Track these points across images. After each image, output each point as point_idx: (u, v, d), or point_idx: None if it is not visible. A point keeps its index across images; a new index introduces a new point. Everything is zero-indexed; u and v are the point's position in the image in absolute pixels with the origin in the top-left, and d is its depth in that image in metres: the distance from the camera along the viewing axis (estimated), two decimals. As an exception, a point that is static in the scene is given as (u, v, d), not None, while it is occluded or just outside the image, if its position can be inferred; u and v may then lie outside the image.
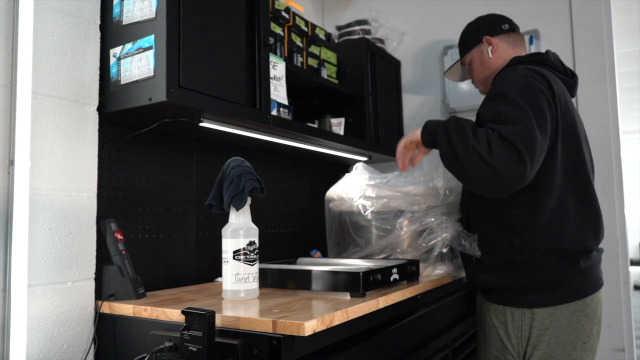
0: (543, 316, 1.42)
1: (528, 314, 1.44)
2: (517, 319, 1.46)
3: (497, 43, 1.69)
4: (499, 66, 1.66)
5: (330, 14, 2.92)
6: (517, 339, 1.46)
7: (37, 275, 1.22)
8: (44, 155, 1.26)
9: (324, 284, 1.39)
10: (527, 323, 1.44)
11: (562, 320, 1.41)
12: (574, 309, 1.41)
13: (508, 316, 1.48)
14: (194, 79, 1.38)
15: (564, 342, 1.41)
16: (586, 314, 1.42)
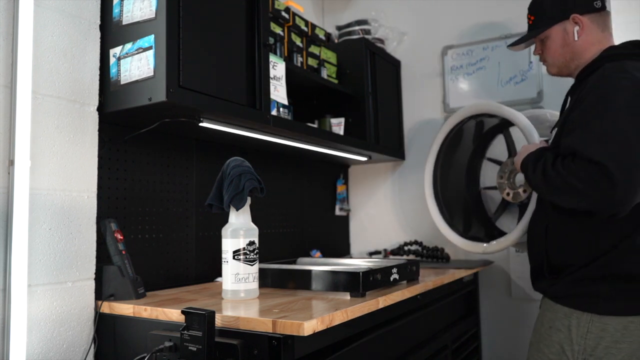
0: (616, 328, 1.26)
1: (597, 322, 1.28)
2: (583, 325, 1.30)
3: (586, 24, 1.45)
4: (586, 54, 1.45)
5: (330, 14, 2.92)
6: (579, 346, 1.30)
7: (37, 275, 1.22)
8: (44, 155, 1.26)
9: (324, 284, 1.39)
10: (595, 332, 1.28)
11: (636, 336, 1.24)
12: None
13: (573, 320, 1.32)
14: (194, 79, 1.39)
15: (630, 357, 1.25)
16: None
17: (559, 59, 1.52)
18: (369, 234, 2.71)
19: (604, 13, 1.48)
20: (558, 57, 1.52)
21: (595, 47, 1.45)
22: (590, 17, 1.46)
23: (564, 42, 1.49)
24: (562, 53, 1.51)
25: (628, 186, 1.16)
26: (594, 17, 1.46)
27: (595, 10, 1.46)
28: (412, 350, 1.59)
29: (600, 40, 1.46)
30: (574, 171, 1.22)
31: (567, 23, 1.48)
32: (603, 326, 1.28)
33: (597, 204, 1.22)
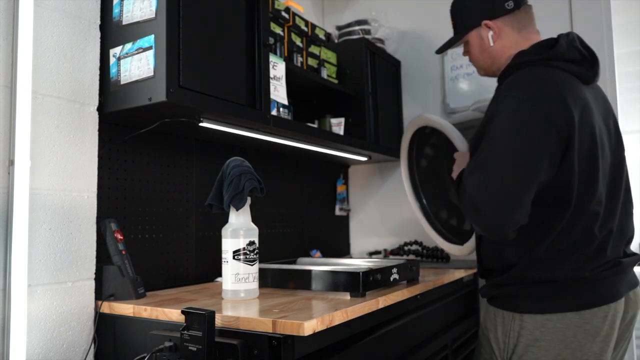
0: (534, 325, 1.28)
1: (518, 320, 1.31)
2: (507, 324, 1.33)
3: (500, 28, 1.43)
4: (505, 56, 1.44)
5: (330, 14, 2.92)
6: (504, 344, 1.33)
7: (37, 275, 1.22)
8: (44, 155, 1.26)
9: (324, 284, 1.39)
10: (516, 330, 1.31)
11: (556, 334, 1.25)
12: (570, 323, 1.25)
13: (499, 320, 1.36)
14: (194, 79, 1.39)
15: (555, 356, 1.26)
16: (585, 330, 1.24)
17: (481, 63, 1.52)
18: (369, 234, 2.71)
19: (519, 12, 1.43)
20: (480, 62, 1.52)
21: (512, 49, 1.42)
22: (504, 20, 1.43)
23: (481, 48, 1.48)
24: (482, 58, 1.50)
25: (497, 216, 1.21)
26: (508, 19, 1.43)
27: (508, 12, 1.42)
28: (412, 350, 1.59)
29: (517, 42, 1.42)
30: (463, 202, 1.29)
31: (480, 29, 1.46)
32: (522, 324, 1.30)
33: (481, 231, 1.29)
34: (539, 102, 1.24)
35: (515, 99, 1.26)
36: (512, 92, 1.28)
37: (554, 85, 1.27)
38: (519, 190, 1.21)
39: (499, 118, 1.26)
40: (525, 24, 1.45)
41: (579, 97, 1.28)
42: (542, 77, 1.29)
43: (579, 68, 1.34)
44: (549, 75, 1.30)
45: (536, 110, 1.23)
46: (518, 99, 1.26)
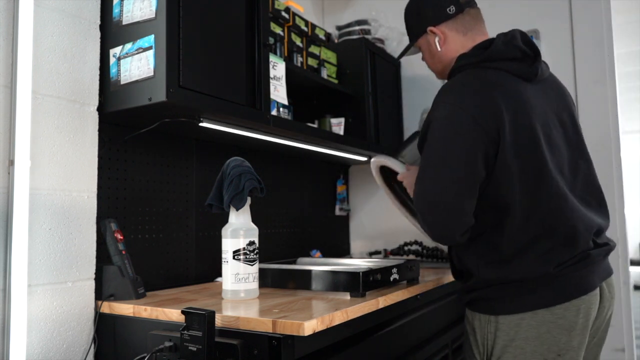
0: (508, 326, 1.28)
1: (493, 322, 1.31)
2: (484, 327, 1.33)
3: (444, 32, 1.45)
4: (449, 59, 1.45)
5: (330, 14, 2.92)
6: (483, 347, 1.33)
7: (37, 275, 1.22)
8: (44, 155, 1.26)
9: (324, 284, 1.39)
10: (492, 332, 1.31)
11: (530, 332, 1.26)
12: (542, 320, 1.25)
13: (476, 323, 1.35)
14: (194, 79, 1.39)
15: (532, 353, 1.26)
16: (558, 325, 1.25)
17: (434, 68, 1.55)
18: (369, 234, 2.71)
19: (462, 15, 1.45)
20: (433, 67, 1.55)
21: (459, 52, 1.44)
22: (447, 25, 1.45)
23: (430, 53, 1.51)
24: (433, 63, 1.53)
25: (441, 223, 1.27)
26: (451, 24, 1.45)
27: (450, 17, 1.44)
28: (412, 350, 1.59)
29: (463, 45, 1.44)
30: None
31: (427, 35, 1.49)
32: (498, 325, 1.30)
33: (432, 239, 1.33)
34: (468, 106, 1.27)
35: (446, 105, 1.30)
36: (443, 99, 1.33)
37: (485, 87, 1.30)
38: (457, 194, 1.25)
39: (432, 126, 1.31)
40: (470, 26, 1.46)
41: (513, 96, 1.30)
42: (473, 80, 1.33)
43: (519, 65, 1.35)
44: (483, 77, 1.32)
45: (464, 114, 1.26)
46: (449, 104, 1.30)
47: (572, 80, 2.27)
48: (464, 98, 1.29)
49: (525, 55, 1.35)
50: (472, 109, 1.26)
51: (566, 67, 2.28)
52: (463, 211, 1.26)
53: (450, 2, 1.45)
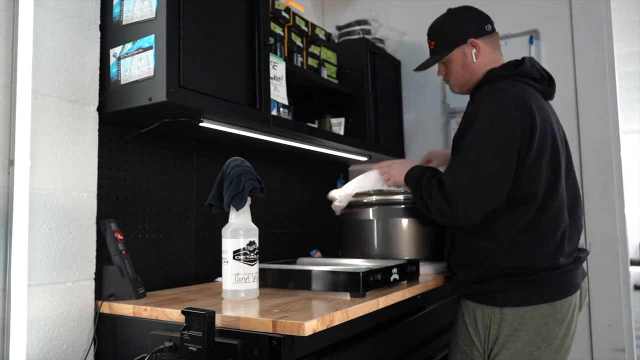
0: (513, 317, 1.42)
1: (498, 314, 1.43)
2: (487, 317, 1.45)
3: (482, 46, 1.60)
4: (479, 71, 1.61)
5: (330, 14, 2.92)
6: (484, 336, 1.46)
7: (37, 275, 1.22)
8: (44, 155, 1.26)
9: (324, 284, 1.39)
10: (497, 322, 1.44)
11: (532, 324, 1.40)
12: (544, 313, 1.40)
13: (478, 313, 1.47)
14: (194, 79, 1.39)
15: (529, 342, 1.41)
16: (555, 319, 1.41)
17: (460, 79, 1.66)
18: (369, 234, 2.71)
19: (493, 35, 1.64)
20: (460, 78, 1.66)
21: (489, 66, 1.60)
22: (484, 40, 1.61)
23: (464, 64, 1.63)
24: (463, 74, 1.65)
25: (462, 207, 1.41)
26: (487, 39, 1.62)
27: (487, 33, 1.62)
28: (412, 350, 1.59)
29: (493, 61, 1.61)
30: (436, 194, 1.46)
31: (465, 47, 1.62)
32: (502, 317, 1.43)
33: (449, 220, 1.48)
34: (510, 107, 1.43)
35: (492, 104, 1.45)
36: (489, 99, 1.48)
37: (522, 95, 1.47)
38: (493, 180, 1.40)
39: (478, 121, 1.44)
40: (497, 45, 1.66)
41: (541, 106, 1.49)
42: (512, 89, 1.50)
43: (540, 85, 1.56)
44: (519, 87, 1.50)
45: (507, 113, 1.42)
46: (494, 104, 1.45)
47: (572, 80, 2.27)
48: (506, 100, 1.45)
49: (543, 78, 1.58)
50: (514, 110, 1.42)
51: (566, 67, 2.28)
52: (494, 196, 1.41)
53: (488, 21, 1.64)
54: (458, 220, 1.47)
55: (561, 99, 2.30)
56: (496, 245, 1.45)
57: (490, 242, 1.46)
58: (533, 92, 1.51)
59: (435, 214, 1.48)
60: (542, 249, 1.43)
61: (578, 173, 2.23)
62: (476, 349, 1.48)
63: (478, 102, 1.51)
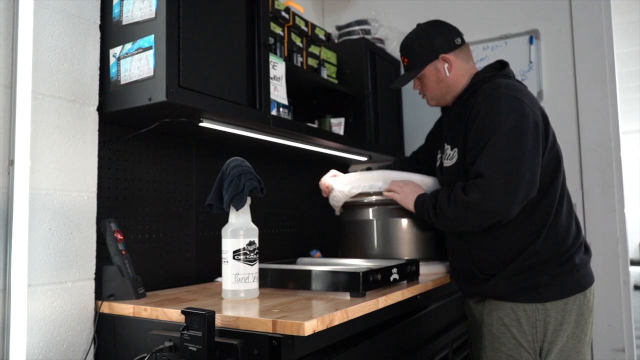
0: (556, 311, 1.43)
1: (542, 310, 1.44)
2: (531, 315, 1.44)
3: (453, 60, 1.64)
4: (459, 84, 1.64)
5: (330, 14, 2.92)
6: (532, 336, 1.44)
7: (37, 275, 1.22)
8: (44, 155, 1.26)
9: (324, 284, 1.39)
10: (542, 319, 1.44)
11: (572, 315, 1.44)
12: (580, 303, 1.45)
13: (521, 313, 1.45)
14: (194, 79, 1.39)
15: (572, 335, 1.44)
16: (587, 307, 1.46)
17: (436, 93, 1.70)
18: (369, 234, 2.71)
19: (464, 47, 1.68)
20: (435, 92, 1.70)
21: (464, 77, 1.65)
22: (455, 54, 1.65)
23: (437, 79, 1.66)
24: (437, 88, 1.68)
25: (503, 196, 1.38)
26: (458, 52, 1.66)
27: (457, 46, 1.66)
28: (412, 350, 1.59)
29: (467, 71, 1.66)
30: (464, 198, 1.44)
31: (437, 62, 1.65)
32: (546, 312, 1.44)
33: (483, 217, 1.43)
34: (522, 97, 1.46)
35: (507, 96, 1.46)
36: (501, 91, 1.48)
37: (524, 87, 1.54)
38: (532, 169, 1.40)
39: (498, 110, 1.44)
40: (469, 56, 1.70)
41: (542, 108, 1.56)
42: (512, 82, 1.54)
43: None
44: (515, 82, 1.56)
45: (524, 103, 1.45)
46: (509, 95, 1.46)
47: (572, 80, 2.27)
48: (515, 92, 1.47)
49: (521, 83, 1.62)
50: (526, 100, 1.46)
51: (566, 67, 2.28)
52: (533, 182, 1.40)
53: (457, 34, 1.68)
54: (499, 214, 1.41)
55: (561, 99, 2.31)
56: (528, 234, 1.46)
57: (521, 232, 1.46)
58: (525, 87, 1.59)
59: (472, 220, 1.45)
60: (569, 232, 1.48)
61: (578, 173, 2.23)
62: (525, 350, 1.45)
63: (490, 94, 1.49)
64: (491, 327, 1.51)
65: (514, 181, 1.38)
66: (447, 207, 1.48)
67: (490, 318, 1.52)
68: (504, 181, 1.38)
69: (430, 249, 1.89)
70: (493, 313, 1.51)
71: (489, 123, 1.45)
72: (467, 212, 1.44)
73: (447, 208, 1.48)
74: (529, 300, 1.45)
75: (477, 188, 1.41)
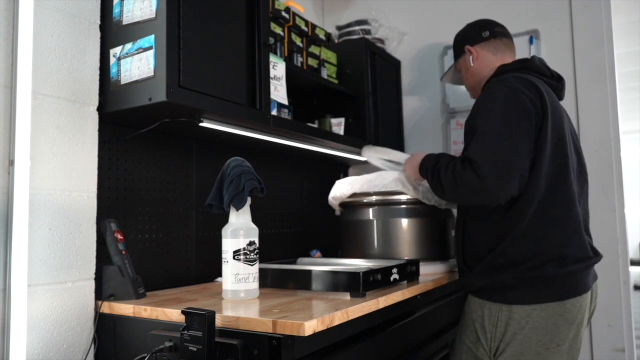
0: (520, 315, 1.42)
1: (506, 311, 1.43)
2: (494, 315, 1.46)
3: (478, 51, 1.74)
4: (483, 74, 1.72)
5: (330, 14, 2.92)
6: (490, 334, 1.46)
7: (37, 275, 1.22)
8: (44, 155, 1.26)
9: (324, 284, 1.39)
10: (504, 320, 1.44)
11: (539, 322, 1.40)
12: (552, 312, 1.40)
13: (485, 311, 1.48)
14: (194, 79, 1.38)
15: (537, 342, 1.41)
16: (564, 319, 1.40)
17: (468, 83, 1.83)
18: (369, 234, 2.71)
19: (495, 40, 1.75)
20: (467, 82, 1.82)
21: (488, 68, 1.72)
22: (481, 46, 1.75)
23: (466, 68, 1.80)
24: (467, 78, 1.81)
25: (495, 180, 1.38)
26: (484, 44, 1.75)
27: (484, 39, 1.75)
28: (412, 350, 1.59)
29: (492, 62, 1.72)
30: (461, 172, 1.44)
31: (465, 54, 1.79)
32: (510, 314, 1.43)
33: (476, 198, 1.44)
34: (522, 88, 1.47)
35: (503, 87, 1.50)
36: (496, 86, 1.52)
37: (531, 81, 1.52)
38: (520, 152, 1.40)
39: (495, 99, 1.48)
40: (500, 50, 1.74)
41: (551, 97, 1.53)
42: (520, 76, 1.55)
43: (549, 80, 1.62)
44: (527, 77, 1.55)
45: (519, 92, 1.46)
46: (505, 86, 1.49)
47: (572, 80, 2.27)
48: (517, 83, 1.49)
49: (552, 76, 1.65)
50: (526, 91, 1.47)
51: (566, 67, 2.28)
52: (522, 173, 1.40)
53: (486, 28, 1.77)
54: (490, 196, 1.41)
55: (561, 98, 2.31)
56: (503, 231, 1.46)
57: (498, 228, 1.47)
58: (542, 83, 1.56)
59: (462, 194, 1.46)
60: (546, 239, 1.44)
61: (578, 173, 2.23)
62: (482, 346, 1.49)
63: (487, 89, 1.56)
64: (463, 318, 1.59)
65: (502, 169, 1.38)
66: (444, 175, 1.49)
67: (464, 310, 1.60)
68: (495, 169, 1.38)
69: (430, 249, 1.89)
70: (466, 306, 1.58)
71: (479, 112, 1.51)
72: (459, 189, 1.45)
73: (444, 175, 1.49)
74: (495, 299, 1.46)
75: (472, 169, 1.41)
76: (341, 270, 1.38)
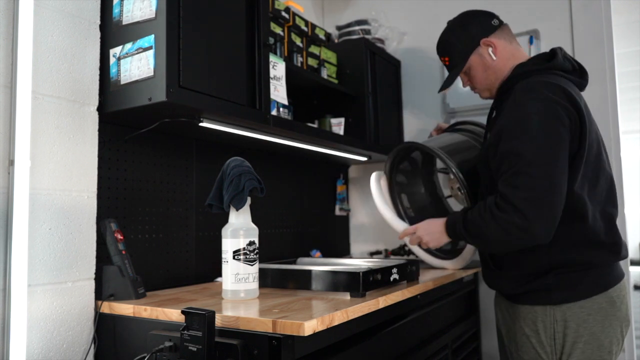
0: (577, 323, 1.37)
1: (560, 321, 1.38)
2: (550, 327, 1.40)
3: (496, 42, 1.55)
4: (507, 67, 1.55)
5: (330, 14, 2.92)
6: (550, 347, 1.40)
7: (37, 275, 1.22)
8: (44, 155, 1.26)
9: (324, 284, 1.39)
10: (560, 331, 1.38)
11: (595, 327, 1.37)
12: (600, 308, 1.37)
13: (539, 324, 1.41)
14: (194, 79, 1.39)
15: (599, 348, 1.37)
16: (617, 317, 1.39)
17: (485, 83, 1.60)
18: (369, 234, 2.71)
19: (504, 27, 1.60)
20: (485, 82, 1.60)
21: (511, 60, 1.55)
22: (496, 35, 1.57)
23: (484, 66, 1.58)
24: (487, 77, 1.59)
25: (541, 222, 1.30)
26: (498, 33, 1.57)
27: (496, 27, 1.58)
28: (412, 350, 1.59)
29: (513, 52, 1.57)
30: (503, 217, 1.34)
31: (479, 49, 1.57)
32: (566, 324, 1.38)
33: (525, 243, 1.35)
34: (558, 99, 1.34)
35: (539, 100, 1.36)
36: (532, 94, 1.37)
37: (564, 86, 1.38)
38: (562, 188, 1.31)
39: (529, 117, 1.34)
40: (511, 37, 1.60)
41: (580, 97, 1.43)
42: (551, 80, 1.40)
43: (573, 77, 1.49)
44: (557, 80, 1.41)
45: (559, 107, 1.33)
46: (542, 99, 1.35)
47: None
48: (548, 92, 1.35)
49: (575, 69, 1.51)
50: (564, 102, 1.34)
51: (566, 67, 2.28)
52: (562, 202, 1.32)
53: (492, 16, 1.60)
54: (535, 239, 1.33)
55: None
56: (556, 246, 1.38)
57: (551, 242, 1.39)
58: (569, 84, 1.43)
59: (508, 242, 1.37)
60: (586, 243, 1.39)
61: (578, 173, 2.23)
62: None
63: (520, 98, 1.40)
64: (515, 335, 1.50)
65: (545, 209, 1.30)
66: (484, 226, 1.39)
67: (515, 325, 1.50)
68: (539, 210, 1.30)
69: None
70: (516, 322, 1.49)
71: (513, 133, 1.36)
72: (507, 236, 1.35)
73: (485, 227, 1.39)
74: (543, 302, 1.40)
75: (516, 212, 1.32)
76: (341, 270, 1.38)
